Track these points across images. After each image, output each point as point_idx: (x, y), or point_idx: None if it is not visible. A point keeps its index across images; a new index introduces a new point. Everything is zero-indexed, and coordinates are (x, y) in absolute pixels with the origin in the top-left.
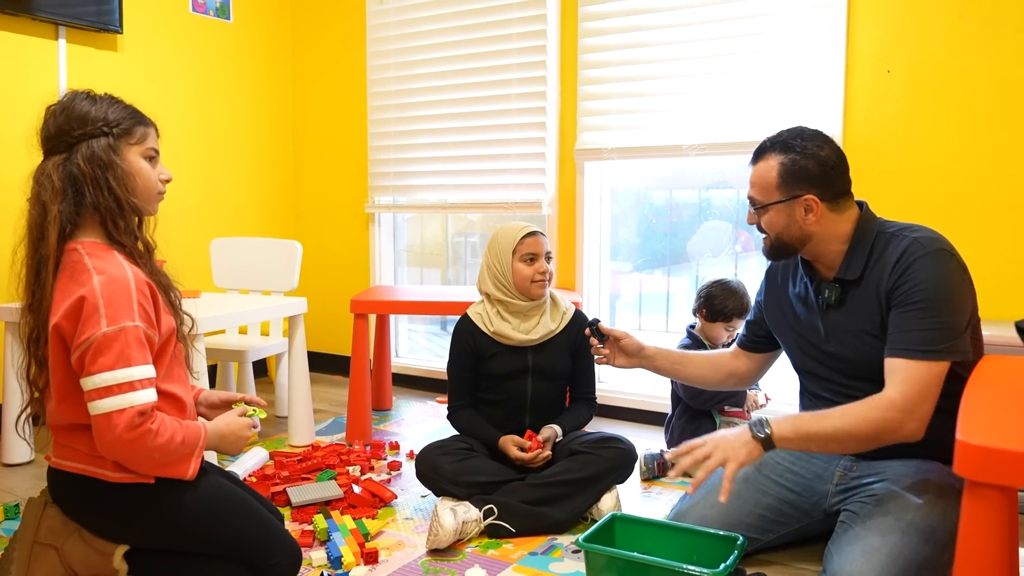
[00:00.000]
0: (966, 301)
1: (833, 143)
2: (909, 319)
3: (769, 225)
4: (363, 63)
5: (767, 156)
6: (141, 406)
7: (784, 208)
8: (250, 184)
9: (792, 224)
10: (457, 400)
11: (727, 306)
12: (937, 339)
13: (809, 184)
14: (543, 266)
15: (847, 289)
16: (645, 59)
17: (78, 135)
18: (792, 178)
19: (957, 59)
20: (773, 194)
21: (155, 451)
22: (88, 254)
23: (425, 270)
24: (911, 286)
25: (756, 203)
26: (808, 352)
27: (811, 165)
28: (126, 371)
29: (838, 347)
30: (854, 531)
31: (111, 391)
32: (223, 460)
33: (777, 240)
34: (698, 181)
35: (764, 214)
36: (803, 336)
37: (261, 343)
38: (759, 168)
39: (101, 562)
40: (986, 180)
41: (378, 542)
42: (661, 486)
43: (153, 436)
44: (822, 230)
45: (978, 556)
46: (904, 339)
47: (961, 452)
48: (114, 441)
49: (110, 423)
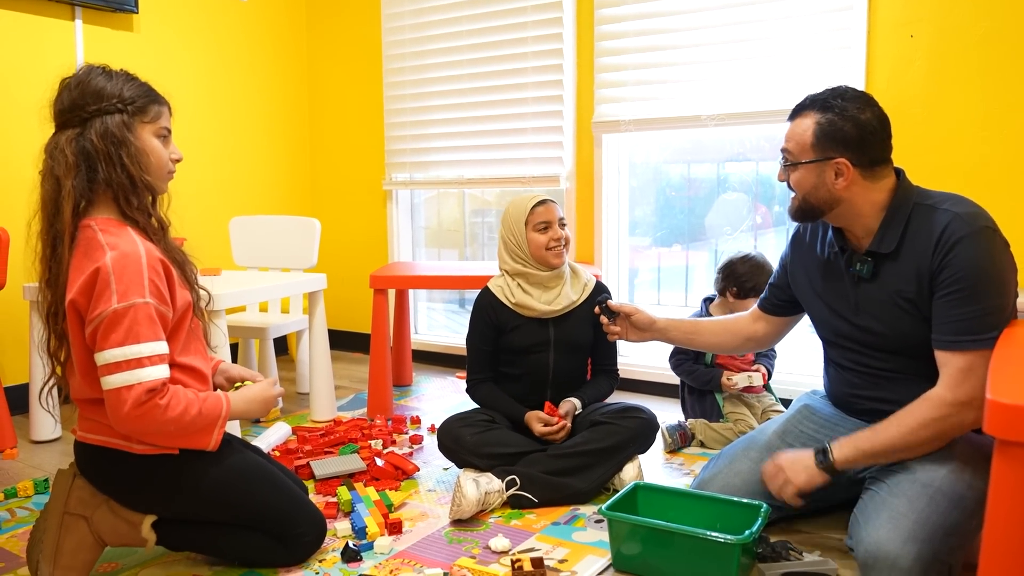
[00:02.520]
0: (1011, 280)
1: (877, 107)
2: (955, 307)
3: (798, 184)
4: (378, 39)
5: (805, 113)
6: (150, 383)
7: (814, 168)
8: (268, 162)
9: (821, 186)
10: (476, 373)
11: (759, 281)
12: (984, 326)
13: (844, 147)
14: (557, 232)
15: (880, 262)
16: (663, 28)
17: (92, 110)
18: (827, 139)
19: (982, 22)
20: (806, 152)
21: (167, 424)
22: (102, 230)
23: (443, 250)
24: (955, 270)
25: (788, 159)
26: (834, 322)
27: (848, 127)
28: (135, 347)
29: (868, 320)
30: (880, 498)
31: (120, 367)
32: (247, 434)
33: (804, 201)
34: (716, 154)
35: (794, 171)
36: (830, 306)
37: (281, 320)
38: (796, 124)
39: (130, 532)
40: (1012, 146)
41: (401, 513)
42: (683, 457)
43: (162, 411)
44: (853, 197)
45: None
46: (952, 329)
47: (992, 411)
48: (123, 416)
49: (119, 398)
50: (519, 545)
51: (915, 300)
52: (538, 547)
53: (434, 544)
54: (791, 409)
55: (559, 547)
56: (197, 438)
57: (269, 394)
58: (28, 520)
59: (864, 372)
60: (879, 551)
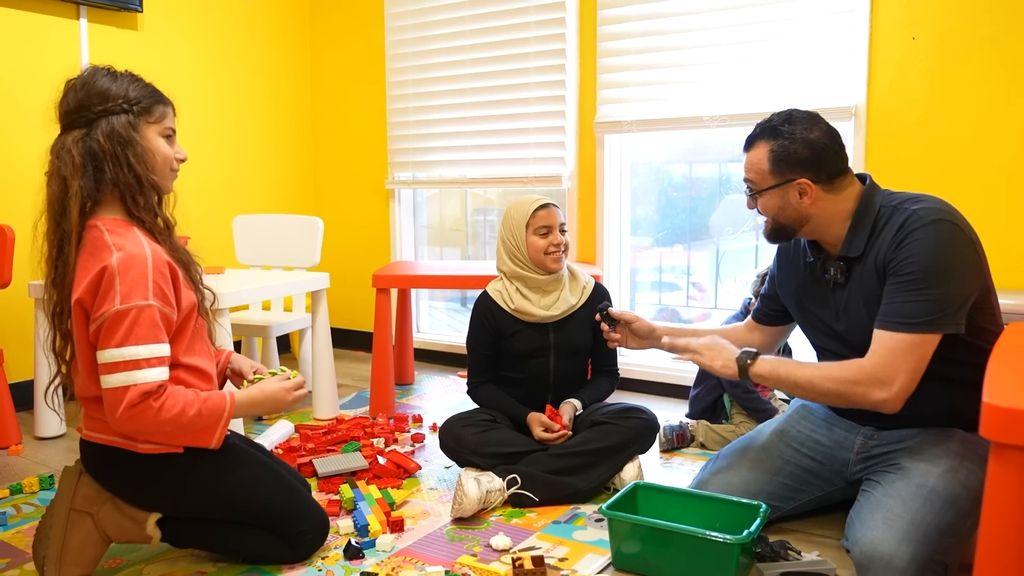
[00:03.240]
0: (966, 272)
1: (824, 124)
2: (897, 291)
3: (765, 209)
4: (381, 38)
5: (757, 143)
6: (145, 385)
7: (778, 192)
8: (271, 161)
9: (787, 207)
10: (477, 376)
11: None
12: (922, 311)
13: (801, 168)
14: (557, 238)
15: (851, 266)
16: (665, 29)
17: (98, 111)
18: (783, 163)
19: (984, 25)
20: (766, 179)
21: (164, 425)
22: (108, 231)
23: (445, 249)
24: (903, 258)
25: (751, 188)
26: (820, 329)
27: (801, 149)
28: (132, 349)
29: (847, 325)
30: (875, 498)
31: (117, 367)
32: (250, 432)
33: (775, 223)
34: (718, 154)
35: (759, 198)
36: (814, 313)
37: (284, 319)
38: (751, 155)
39: (135, 528)
40: (1011, 148)
41: (403, 511)
42: (683, 456)
43: (155, 413)
44: (820, 211)
45: (1004, 516)
46: (888, 311)
47: (987, 414)
48: (118, 417)
49: (115, 398)
50: (520, 543)
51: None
52: (539, 545)
53: (436, 542)
54: (789, 410)
55: (560, 546)
56: (199, 436)
57: (280, 396)
58: (34, 516)
59: None
60: (875, 552)
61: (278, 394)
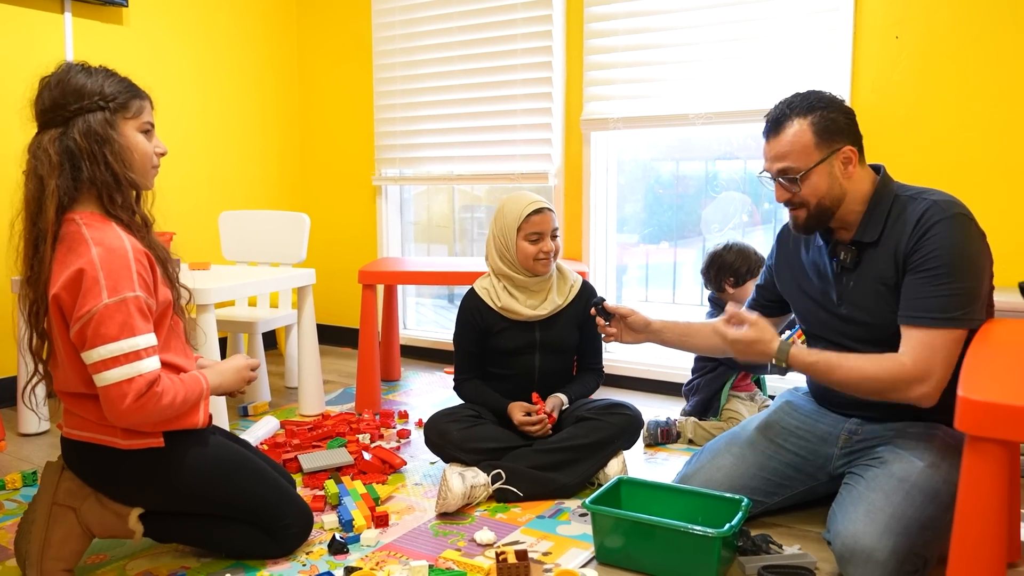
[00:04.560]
0: (985, 267)
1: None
2: (925, 285)
3: (812, 191)
4: (369, 33)
5: (791, 121)
6: (149, 374)
7: (825, 167)
8: (257, 157)
9: (834, 183)
10: (463, 373)
11: (751, 263)
12: (953, 305)
13: (843, 136)
14: (548, 245)
15: (863, 251)
16: (651, 27)
17: (74, 109)
18: (828, 133)
19: (967, 24)
20: (812, 155)
21: (165, 410)
22: (86, 224)
23: (432, 245)
24: (929, 251)
25: (793, 172)
26: (820, 316)
27: (839, 117)
28: (131, 340)
29: (851, 309)
30: (858, 492)
31: (118, 361)
32: (235, 428)
33: (819, 207)
34: (705, 152)
35: (806, 180)
36: (815, 300)
37: (270, 315)
38: (788, 135)
39: (117, 523)
40: (995, 147)
41: (388, 506)
42: (667, 452)
43: (158, 399)
44: (852, 185)
45: (977, 509)
46: (919, 305)
47: (962, 408)
48: (124, 410)
49: (120, 393)
50: (504, 538)
51: (893, 285)
52: (523, 540)
53: (420, 537)
54: (774, 404)
55: (543, 540)
56: (187, 419)
57: (240, 363)
58: (16, 512)
59: None
60: (856, 544)
61: (237, 363)
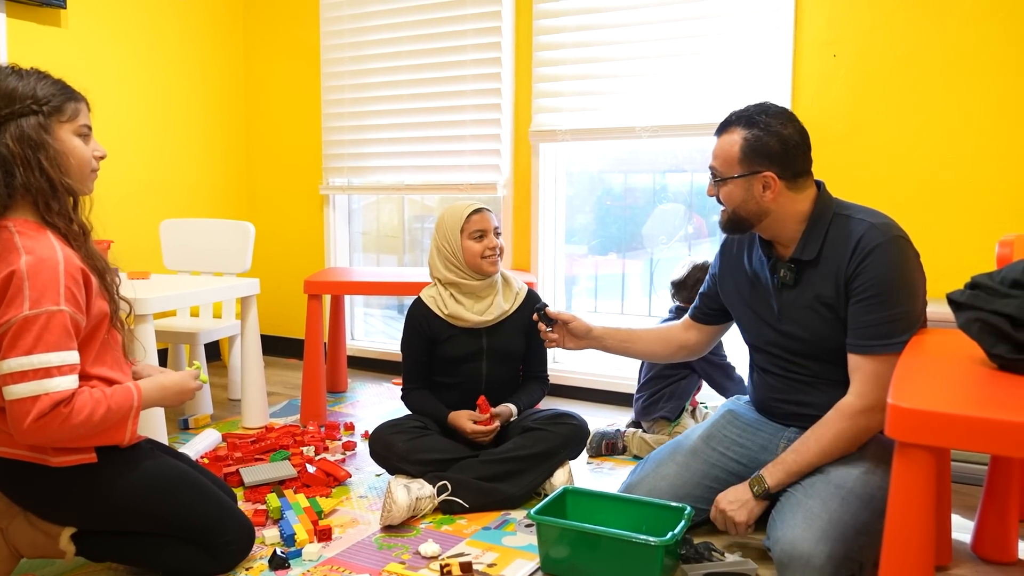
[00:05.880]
0: (920, 288)
1: (797, 122)
2: (869, 312)
3: (727, 198)
4: (317, 41)
5: (731, 129)
6: (57, 394)
7: (743, 183)
8: (201, 164)
9: (750, 199)
10: (411, 383)
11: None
12: (898, 330)
13: (769, 161)
14: (492, 241)
15: (802, 269)
16: (599, 41)
17: (6, 113)
18: (753, 154)
19: (902, 44)
20: (734, 168)
21: (74, 430)
22: (19, 232)
23: (381, 256)
24: (869, 277)
25: (716, 175)
26: (760, 329)
27: (773, 142)
28: (43, 356)
29: (791, 325)
30: (796, 499)
31: (26, 376)
32: (175, 442)
33: (734, 214)
34: (652, 165)
35: (723, 186)
36: (756, 312)
37: (213, 325)
38: (722, 141)
39: (47, 543)
40: (927, 162)
41: (332, 520)
42: (613, 462)
43: (64, 419)
44: (779, 208)
45: (907, 514)
46: (865, 334)
47: (892, 415)
48: (24, 428)
49: (21, 409)
50: (449, 550)
51: (833, 304)
52: (468, 552)
53: (364, 550)
54: (716, 414)
55: (489, 551)
56: (110, 435)
57: (186, 384)
58: None
59: (785, 377)
60: (794, 550)
61: (184, 383)
